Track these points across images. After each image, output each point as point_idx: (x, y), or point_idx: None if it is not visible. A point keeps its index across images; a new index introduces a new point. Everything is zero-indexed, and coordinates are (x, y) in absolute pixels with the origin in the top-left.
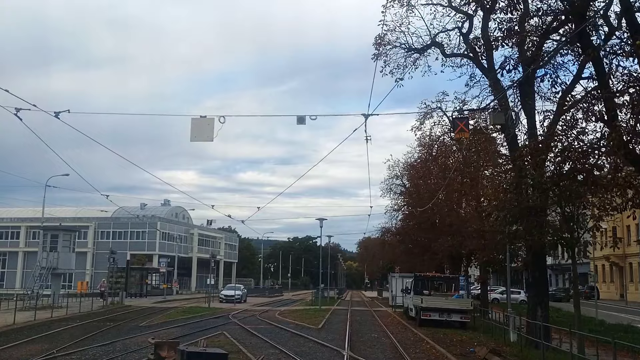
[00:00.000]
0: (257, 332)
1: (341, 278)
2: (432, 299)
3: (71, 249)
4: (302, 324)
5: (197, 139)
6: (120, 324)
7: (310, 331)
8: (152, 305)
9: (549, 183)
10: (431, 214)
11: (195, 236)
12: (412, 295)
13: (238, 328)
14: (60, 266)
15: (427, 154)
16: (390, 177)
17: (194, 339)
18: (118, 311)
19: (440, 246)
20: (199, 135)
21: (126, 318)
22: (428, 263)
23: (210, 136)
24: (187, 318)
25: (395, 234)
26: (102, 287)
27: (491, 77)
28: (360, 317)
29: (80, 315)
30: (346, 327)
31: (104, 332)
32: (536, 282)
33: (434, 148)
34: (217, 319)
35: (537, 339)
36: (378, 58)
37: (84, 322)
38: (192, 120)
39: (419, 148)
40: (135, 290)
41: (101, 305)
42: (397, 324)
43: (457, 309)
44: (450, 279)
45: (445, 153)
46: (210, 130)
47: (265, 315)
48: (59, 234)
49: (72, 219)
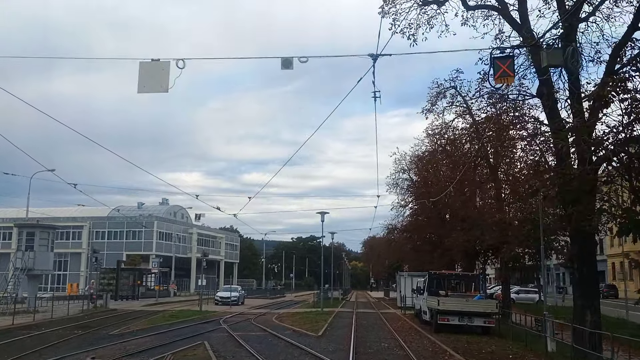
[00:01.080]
0: (246, 342)
1: (346, 278)
2: (450, 300)
3: (49, 247)
4: (300, 330)
5: (147, 89)
6: (89, 332)
7: (308, 340)
8: (140, 308)
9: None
10: (442, 207)
11: (195, 236)
12: (426, 296)
13: (225, 336)
14: (36, 267)
15: (437, 144)
16: (397, 171)
17: (164, 352)
18: (98, 316)
19: (454, 242)
20: (149, 85)
21: (102, 324)
22: (438, 261)
23: (165, 85)
24: (172, 324)
25: (402, 231)
26: (91, 289)
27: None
28: (366, 321)
29: (51, 321)
30: (351, 333)
31: (60, 343)
32: (584, 280)
33: (446, 134)
34: (206, 324)
35: (587, 349)
36: (386, 14)
37: (50, 329)
38: (140, 65)
39: (427, 140)
40: (127, 293)
41: (81, 309)
42: (409, 330)
43: (480, 311)
44: (470, 278)
45: (458, 141)
46: (165, 77)
47: (260, 319)
48: (36, 232)
49: (66, 219)
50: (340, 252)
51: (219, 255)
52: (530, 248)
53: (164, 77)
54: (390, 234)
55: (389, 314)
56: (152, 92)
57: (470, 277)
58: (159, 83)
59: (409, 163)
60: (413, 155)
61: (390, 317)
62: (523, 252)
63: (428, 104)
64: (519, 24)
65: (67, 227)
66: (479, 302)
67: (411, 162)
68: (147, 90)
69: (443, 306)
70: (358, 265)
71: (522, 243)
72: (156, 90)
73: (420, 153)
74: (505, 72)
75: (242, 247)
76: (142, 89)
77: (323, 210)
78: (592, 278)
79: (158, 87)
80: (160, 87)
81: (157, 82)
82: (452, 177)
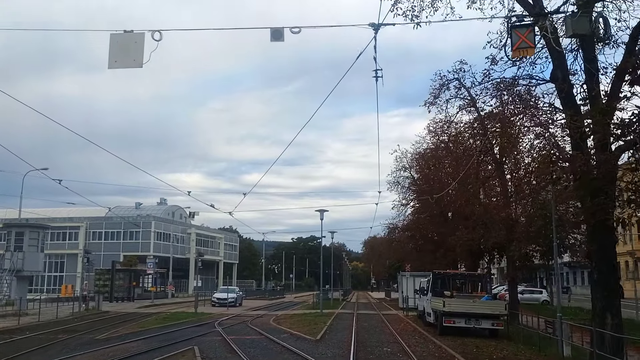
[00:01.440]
0: (239, 347)
1: (346, 279)
2: (456, 301)
3: (39, 248)
4: (297, 334)
5: (119, 64)
6: (74, 337)
7: (306, 344)
8: (134, 310)
9: None
10: (445, 205)
11: (193, 236)
12: (430, 297)
13: (218, 340)
14: (26, 268)
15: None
16: (398, 169)
17: (149, 359)
18: (88, 319)
19: (458, 240)
20: (121, 60)
21: (90, 328)
22: (440, 260)
23: (139, 60)
24: (164, 327)
25: (404, 230)
26: (84, 291)
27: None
28: (367, 323)
29: (38, 324)
30: (351, 337)
31: (39, 349)
32: (603, 279)
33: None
34: (200, 327)
35: (607, 354)
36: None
37: (34, 333)
38: (111, 37)
39: (429, 137)
40: (123, 294)
41: (71, 312)
42: (413, 332)
43: (488, 313)
44: (476, 277)
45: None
46: (139, 51)
47: (257, 321)
48: (25, 232)
49: (62, 219)
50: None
51: (218, 256)
52: (540, 246)
53: (138, 50)
54: (391, 233)
55: (390, 316)
56: (124, 68)
57: (477, 276)
58: (132, 57)
59: (410, 160)
60: (414, 152)
61: (392, 319)
62: (532, 250)
63: (430, 96)
64: (530, 3)
65: (63, 227)
66: (487, 303)
67: (412, 159)
68: (118, 65)
69: (449, 308)
70: (359, 265)
71: (532, 240)
72: (129, 65)
73: (422, 150)
74: (524, 43)
75: (241, 247)
76: (113, 64)
77: (322, 208)
78: (612, 277)
79: (131, 61)
80: (134, 61)
81: (130, 57)
82: (454, 174)
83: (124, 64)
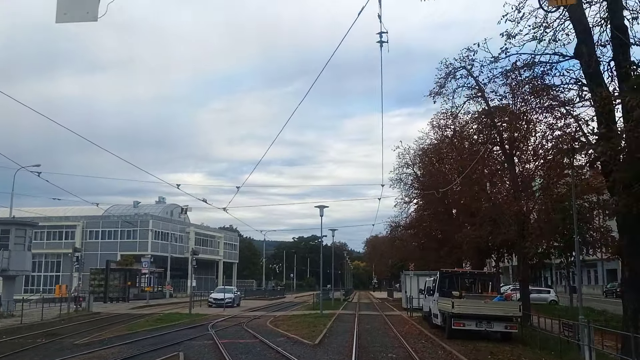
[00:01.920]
0: (229, 352)
1: (348, 278)
2: (466, 302)
3: (26, 246)
4: (294, 337)
5: (69, 17)
6: (53, 341)
7: (303, 349)
8: (126, 311)
9: None
10: (449, 202)
11: (192, 235)
12: (437, 297)
13: (208, 344)
14: (12, 267)
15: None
16: (400, 165)
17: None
18: (76, 320)
19: (465, 237)
20: (71, 12)
21: (74, 331)
22: (445, 259)
23: (93, 12)
24: (154, 329)
25: (407, 227)
26: (76, 292)
27: None
28: (370, 325)
29: (20, 327)
30: (352, 341)
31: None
32: (636, 279)
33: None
34: (192, 329)
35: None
36: None
37: (12, 337)
38: None
39: (432, 132)
40: (118, 294)
41: (59, 313)
42: (419, 335)
43: (501, 315)
44: (487, 276)
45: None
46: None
47: (253, 323)
48: (11, 229)
49: (59, 218)
50: (342, 251)
51: (217, 255)
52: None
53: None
54: (393, 231)
55: (394, 317)
56: (75, 22)
57: (487, 275)
58: (85, 8)
59: (413, 157)
60: (417, 148)
61: (396, 321)
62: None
63: (436, 85)
64: None
65: (59, 226)
66: (500, 304)
67: (415, 155)
68: (68, 18)
69: (458, 309)
70: (360, 265)
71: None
72: (81, 18)
73: (425, 146)
74: None
75: (242, 247)
76: (61, 17)
77: (322, 204)
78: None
79: (84, 14)
80: (87, 14)
81: (82, 8)
82: (459, 170)
83: (75, 18)
